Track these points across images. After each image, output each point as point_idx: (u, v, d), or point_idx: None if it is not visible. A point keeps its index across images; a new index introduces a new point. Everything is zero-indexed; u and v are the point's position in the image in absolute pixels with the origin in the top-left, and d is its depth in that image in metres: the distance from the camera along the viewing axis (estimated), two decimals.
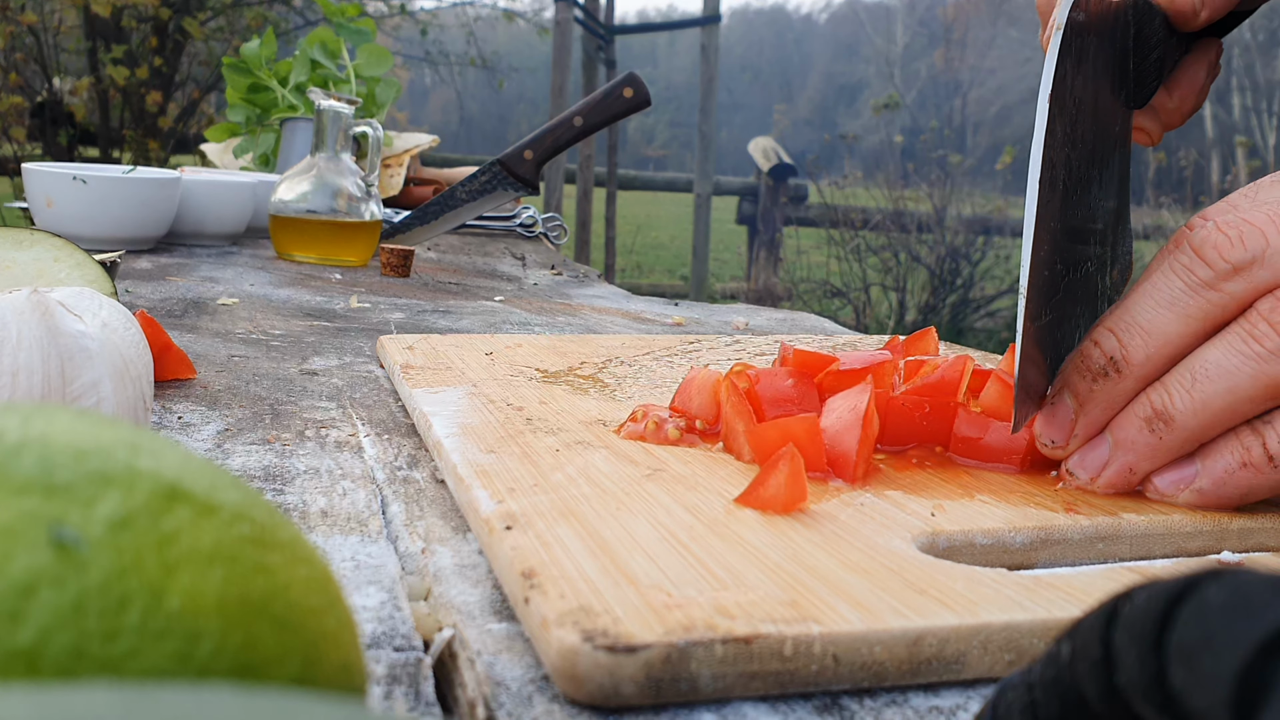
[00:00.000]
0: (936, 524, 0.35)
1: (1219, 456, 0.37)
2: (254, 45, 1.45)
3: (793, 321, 0.93)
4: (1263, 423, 0.37)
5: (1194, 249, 0.37)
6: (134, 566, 0.15)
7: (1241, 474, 0.37)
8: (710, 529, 0.33)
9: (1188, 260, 0.38)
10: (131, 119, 5.29)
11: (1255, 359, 0.36)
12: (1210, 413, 0.37)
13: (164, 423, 0.48)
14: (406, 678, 0.27)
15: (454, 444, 0.41)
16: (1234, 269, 0.37)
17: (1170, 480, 0.38)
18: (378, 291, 0.95)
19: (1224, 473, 0.37)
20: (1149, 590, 0.15)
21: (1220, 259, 0.37)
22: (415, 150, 1.52)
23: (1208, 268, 0.37)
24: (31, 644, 0.14)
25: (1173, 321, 0.38)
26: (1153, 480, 0.39)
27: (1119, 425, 0.39)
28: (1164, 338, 0.38)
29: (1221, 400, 0.36)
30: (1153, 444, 0.38)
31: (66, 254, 0.53)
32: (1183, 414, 0.37)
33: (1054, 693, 0.17)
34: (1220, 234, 0.37)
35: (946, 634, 0.27)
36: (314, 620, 0.17)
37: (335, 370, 0.61)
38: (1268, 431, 0.37)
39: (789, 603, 0.28)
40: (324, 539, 0.35)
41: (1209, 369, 0.37)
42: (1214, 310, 0.37)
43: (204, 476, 0.17)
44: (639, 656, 0.25)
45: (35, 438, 0.16)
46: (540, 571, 0.29)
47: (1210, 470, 0.38)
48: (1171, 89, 0.47)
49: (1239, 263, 0.37)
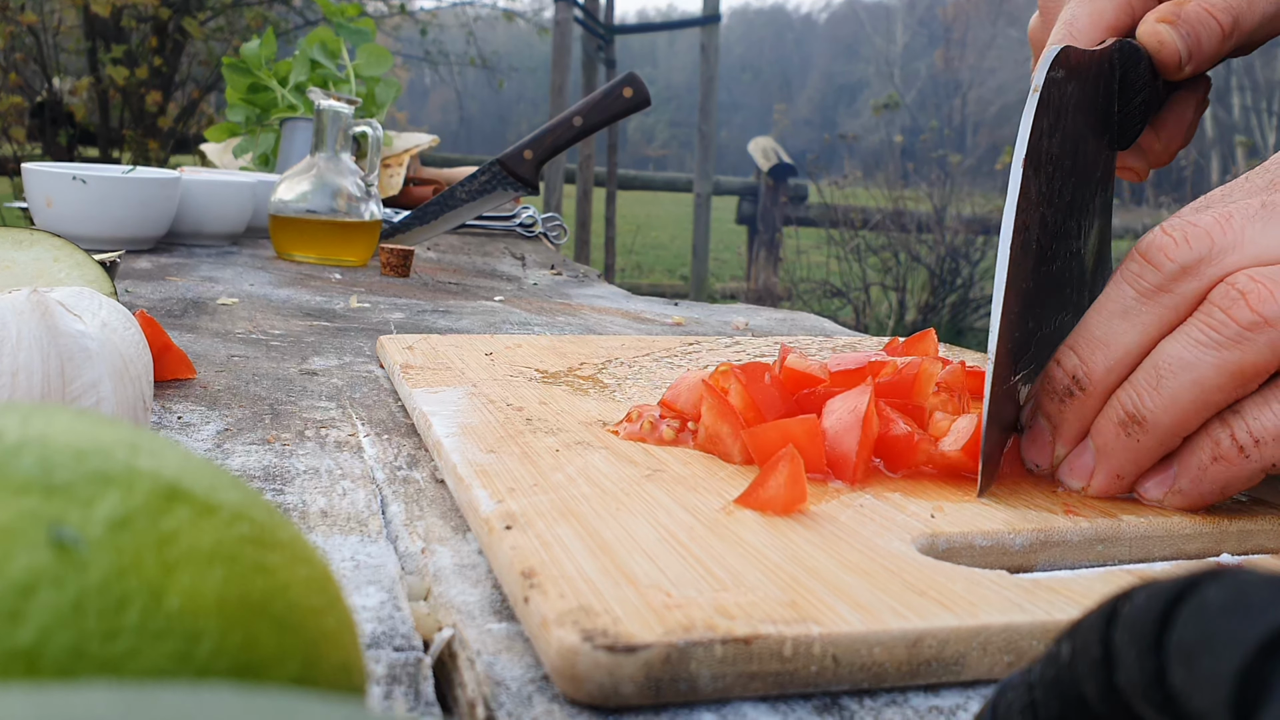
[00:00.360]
0: (936, 526, 0.35)
1: (1192, 453, 0.37)
2: (254, 45, 1.45)
3: (793, 321, 0.93)
4: (1231, 413, 0.37)
5: (1142, 255, 0.38)
6: (133, 566, 0.15)
7: (1215, 468, 0.37)
8: (710, 530, 0.33)
9: (1137, 268, 0.38)
10: (131, 119, 5.29)
11: (1215, 347, 0.36)
12: (1180, 408, 0.37)
13: (164, 423, 0.48)
14: (406, 678, 0.27)
15: (454, 444, 0.41)
16: (1182, 269, 0.37)
17: (1154, 484, 0.38)
18: (377, 291, 0.95)
19: (1198, 469, 0.37)
20: (1149, 590, 0.15)
21: (1167, 260, 0.37)
22: (415, 150, 1.52)
23: (1156, 271, 0.37)
24: (31, 644, 0.14)
25: (1129, 331, 0.38)
26: (1139, 487, 0.39)
27: (1097, 432, 0.39)
28: (1122, 348, 0.38)
29: (1189, 394, 0.36)
30: (1131, 447, 0.38)
31: (66, 254, 0.53)
32: (1154, 412, 0.37)
33: (1054, 693, 0.17)
34: (1166, 237, 0.37)
35: (946, 635, 0.27)
36: (314, 620, 0.17)
37: (335, 370, 0.61)
38: (1235, 422, 0.37)
39: (789, 603, 0.28)
40: (324, 539, 0.35)
41: (1171, 363, 0.37)
42: (1167, 314, 0.37)
43: (203, 476, 0.17)
44: (639, 656, 0.25)
45: (35, 437, 0.16)
46: (540, 571, 0.29)
47: (1186, 468, 0.38)
48: (1159, 129, 0.47)
49: (1186, 262, 0.37)
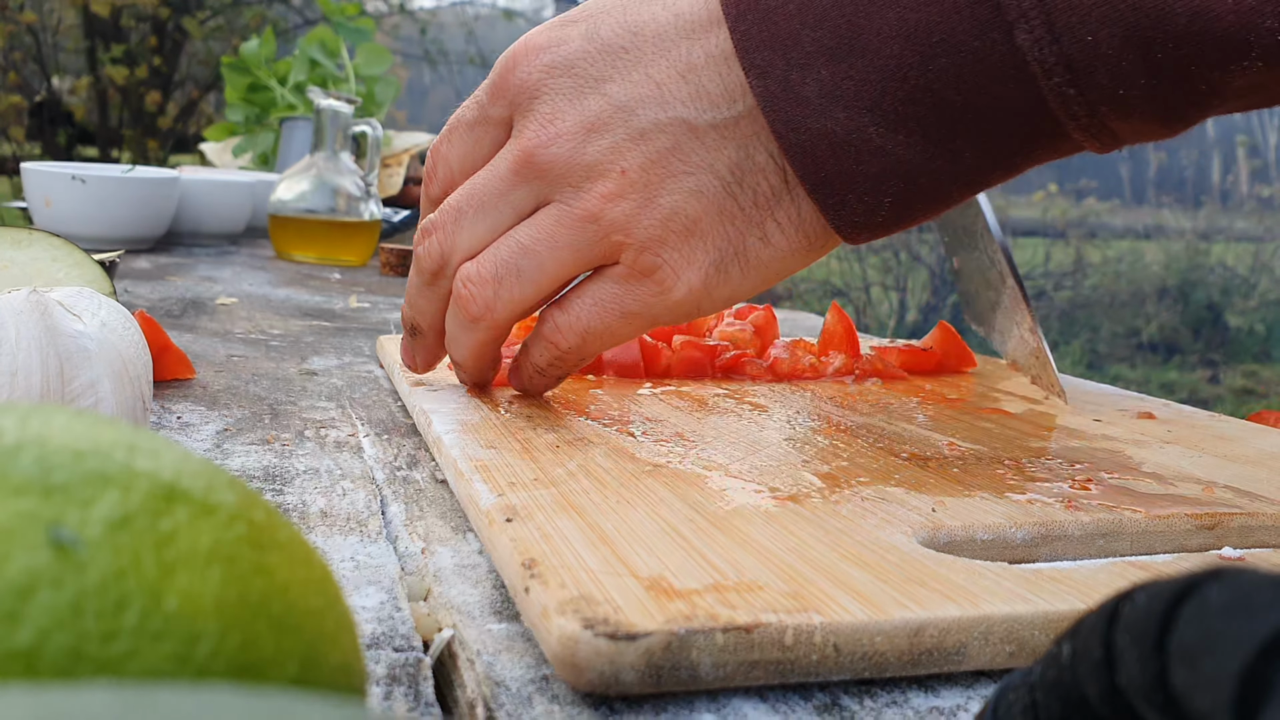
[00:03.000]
0: (937, 519, 0.35)
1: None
2: (253, 45, 1.45)
3: (793, 321, 0.93)
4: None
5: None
6: (132, 567, 0.15)
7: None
8: (711, 523, 0.33)
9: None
10: (130, 118, 5.29)
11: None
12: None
13: (163, 423, 0.47)
14: (406, 678, 0.27)
15: (454, 440, 0.41)
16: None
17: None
18: (377, 291, 0.95)
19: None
20: (1150, 590, 0.15)
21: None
22: (415, 149, 1.52)
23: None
24: (29, 645, 0.14)
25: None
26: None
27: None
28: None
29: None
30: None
31: (65, 254, 0.53)
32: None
33: (1055, 693, 0.17)
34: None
35: (948, 625, 0.27)
36: (313, 621, 0.17)
37: (335, 370, 0.61)
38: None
39: (790, 594, 0.28)
40: (323, 539, 0.35)
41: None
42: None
43: (202, 477, 0.17)
44: (640, 644, 0.25)
45: (33, 438, 0.16)
46: (540, 562, 0.29)
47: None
48: None
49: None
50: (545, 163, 0.40)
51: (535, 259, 0.41)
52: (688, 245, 0.39)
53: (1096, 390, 0.62)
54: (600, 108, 0.39)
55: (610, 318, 0.41)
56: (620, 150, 0.39)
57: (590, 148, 0.39)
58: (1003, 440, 0.47)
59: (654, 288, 0.40)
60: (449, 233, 0.42)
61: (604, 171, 0.39)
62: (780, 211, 0.39)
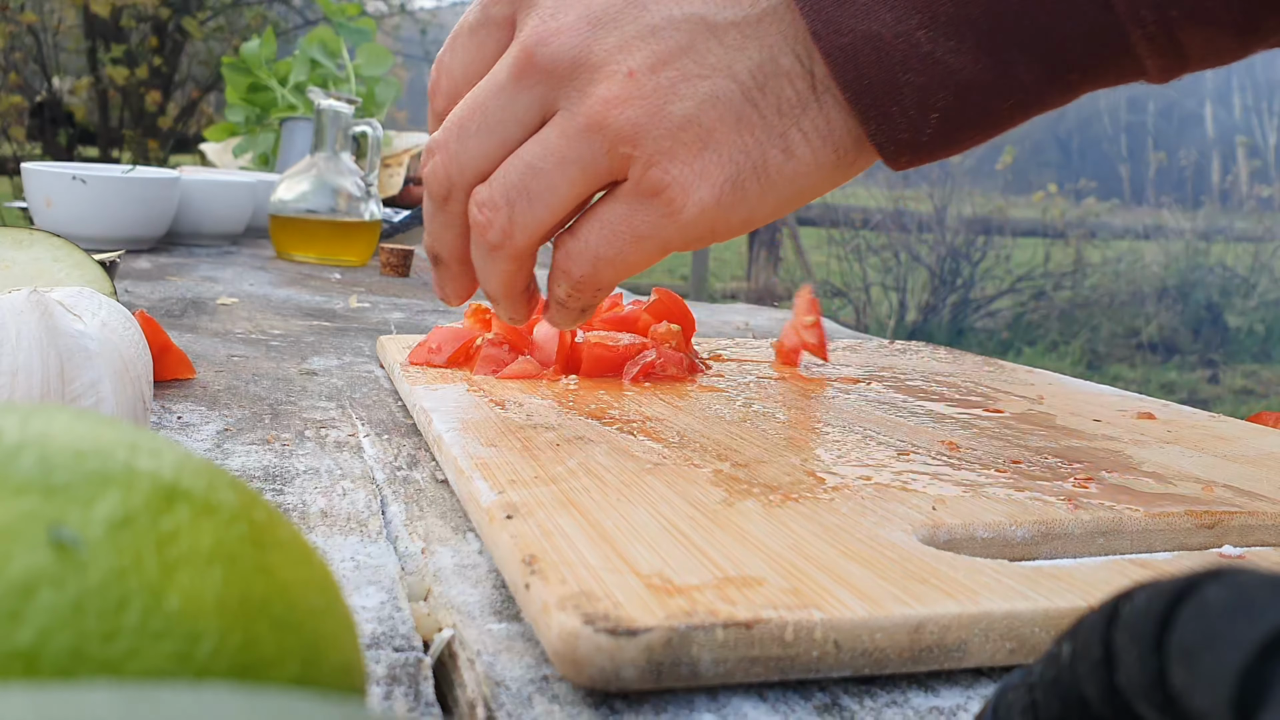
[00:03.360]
0: (937, 517, 0.35)
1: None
2: (254, 45, 1.45)
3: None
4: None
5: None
6: (133, 567, 0.15)
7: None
8: (712, 520, 0.33)
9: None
10: (131, 119, 5.29)
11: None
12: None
13: (163, 423, 0.47)
14: (406, 678, 0.27)
15: (454, 438, 0.41)
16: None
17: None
18: (377, 291, 0.95)
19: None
20: (1150, 590, 0.15)
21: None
22: (415, 150, 1.52)
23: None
24: (31, 644, 0.14)
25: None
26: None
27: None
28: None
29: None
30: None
31: (66, 254, 0.53)
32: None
33: (1055, 693, 0.17)
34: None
35: (948, 621, 0.27)
36: (313, 621, 0.17)
37: (335, 370, 0.61)
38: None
39: (790, 590, 0.28)
40: (324, 539, 0.35)
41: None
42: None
43: (203, 476, 0.17)
44: (640, 639, 0.25)
45: (34, 438, 0.16)
46: (541, 558, 0.29)
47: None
48: None
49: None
50: (547, 61, 0.36)
51: (544, 179, 0.37)
52: (700, 160, 0.36)
53: (1096, 390, 0.62)
54: (609, 0, 0.36)
55: (621, 242, 0.38)
56: (628, 48, 0.35)
57: (596, 44, 0.35)
58: (1003, 440, 0.47)
59: (663, 207, 0.36)
60: (453, 152, 0.39)
61: (610, 72, 0.35)
62: (806, 120, 0.35)
